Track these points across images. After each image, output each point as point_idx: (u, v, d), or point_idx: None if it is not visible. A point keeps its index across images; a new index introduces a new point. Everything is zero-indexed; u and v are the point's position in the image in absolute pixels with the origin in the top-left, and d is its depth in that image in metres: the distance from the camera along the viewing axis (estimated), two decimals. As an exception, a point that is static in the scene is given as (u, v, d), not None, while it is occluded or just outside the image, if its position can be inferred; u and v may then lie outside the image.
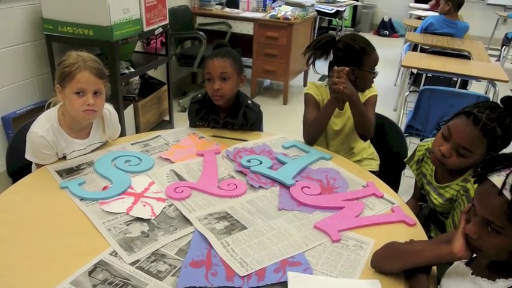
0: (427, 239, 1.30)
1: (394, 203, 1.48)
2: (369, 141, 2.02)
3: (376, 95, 1.95)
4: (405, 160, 1.80)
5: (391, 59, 6.14)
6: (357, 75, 1.83)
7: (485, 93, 3.80)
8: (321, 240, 1.27)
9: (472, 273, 1.01)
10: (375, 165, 2.03)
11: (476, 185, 1.34)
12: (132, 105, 3.25)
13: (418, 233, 1.33)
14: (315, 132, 1.85)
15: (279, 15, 4.31)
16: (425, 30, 4.60)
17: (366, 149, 2.05)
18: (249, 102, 1.95)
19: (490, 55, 5.98)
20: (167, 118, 3.75)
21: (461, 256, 0.99)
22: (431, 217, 1.67)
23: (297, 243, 1.24)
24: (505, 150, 1.21)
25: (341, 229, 1.31)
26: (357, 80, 1.84)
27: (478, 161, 1.36)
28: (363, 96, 1.92)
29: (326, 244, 1.26)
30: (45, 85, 2.88)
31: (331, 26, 8.03)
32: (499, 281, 0.94)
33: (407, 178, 2.19)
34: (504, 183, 0.87)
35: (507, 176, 0.87)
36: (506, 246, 0.90)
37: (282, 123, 4.05)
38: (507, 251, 0.92)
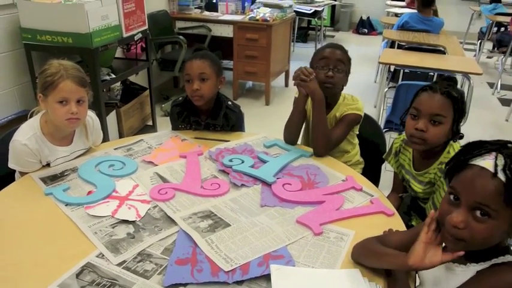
0: (405, 228, 1.35)
1: (373, 195, 1.52)
2: (357, 146, 2.02)
3: (355, 114, 1.86)
4: (383, 156, 1.85)
5: (370, 56, 6.23)
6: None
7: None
8: (303, 233, 1.31)
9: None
10: (359, 169, 2.02)
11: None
12: (114, 111, 3.26)
13: (397, 223, 1.38)
14: (289, 130, 1.89)
15: (257, 17, 4.35)
16: (402, 28, 4.68)
17: (352, 155, 2.01)
18: (229, 103, 1.98)
19: (466, 49, 6.11)
20: (150, 123, 3.76)
21: (417, 267, 0.99)
22: (412, 206, 1.73)
23: (280, 237, 1.28)
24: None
25: (322, 222, 1.35)
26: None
27: (451, 128, 1.48)
28: (342, 112, 1.87)
29: (308, 237, 1.30)
30: (26, 94, 2.87)
31: (310, 26, 8.10)
32: (470, 266, 0.98)
33: (389, 172, 2.25)
34: (496, 166, 0.88)
35: (496, 158, 0.89)
36: (496, 230, 0.90)
37: (265, 124, 4.08)
38: (496, 239, 0.92)
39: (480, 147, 0.93)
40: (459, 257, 0.97)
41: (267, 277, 1.11)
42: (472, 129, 1.30)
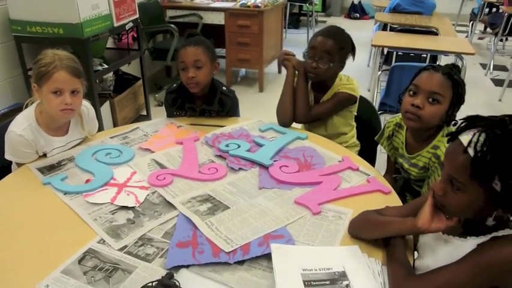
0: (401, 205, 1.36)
1: (369, 175, 1.54)
2: (354, 129, 2.04)
3: (346, 93, 1.87)
4: (376, 138, 1.86)
5: (363, 41, 6.16)
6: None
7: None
8: (302, 213, 1.32)
9: (444, 233, 1.07)
10: (355, 151, 2.02)
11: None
12: (108, 102, 3.25)
13: (394, 201, 1.40)
14: (281, 110, 1.93)
15: (249, 4, 4.33)
16: (394, 10, 4.68)
17: (349, 137, 2.03)
18: (224, 88, 1.98)
19: (459, 31, 6.12)
20: (144, 113, 3.76)
21: (425, 229, 1.03)
22: (406, 187, 1.75)
23: (279, 218, 1.29)
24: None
25: (320, 202, 1.37)
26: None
27: (448, 109, 1.48)
28: (336, 90, 1.90)
29: (306, 217, 1.31)
30: (18, 87, 2.86)
31: (302, 11, 8.07)
32: (469, 239, 1.00)
33: (384, 154, 2.26)
34: (470, 141, 0.91)
35: (473, 134, 0.91)
36: (466, 203, 0.94)
37: (260, 111, 4.05)
38: (470, 210, 0.96)
39: (473, 123, 0.96)
40: (458, 228, 0.99)
41: (267, 257, 1.12)
42: (466, 110, 1.29)
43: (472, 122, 0.96)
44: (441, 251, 1.05)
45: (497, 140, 0.89)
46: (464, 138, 0.93)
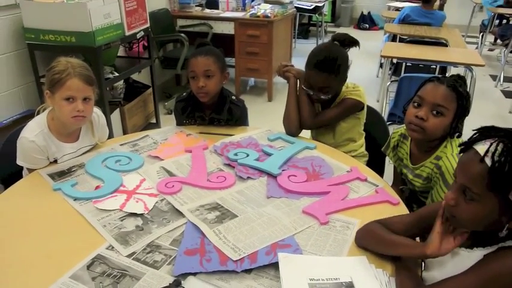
0: None
1: (377, 185, 1.54)
2: (363, 138, 2.04)
3: (353, 100, 1.87)
4: (382, 149, 1.85)
5: (372, 51, 6.23)
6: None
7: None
8: (309, 223, 1.32)
9: None
10: (363, 161, 2.02)
11: (447, 162, 1.43)
12: (118, 109, 3.28)
13: (402, 211, 1.39)
14: (288, 119, 1.95)
15: (258, 14, 4.36)
16: (403, 21, 4.69)
17: (357, 145, 2.02)
18: (233, 98, 2.00)
19: (468, 43, 6.11)
20: (154, 121, 3.78)
21: (435, 256, 1.02)
22: (412, 198, 1.74)
23: (287, 227, 1.30)
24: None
25: (328, 212, 1.37)
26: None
27: (452, 121, 1.47)
28: (341, 96, 1.90)
29: (314, 227, 1.31)
30: (30, 94, 2.89)
31: (311, 22, 8.10)
32: (476, 250, 1.00)
33: (392, 166, 2.26)
34: (487, 151, 0.90)
35: (491, 144, 0.91)
36: (480, 214, 0.93)
37: (268, 120, 4.05)
38: (482, 222, 0.95)
39: (488, 133, 0.95)
40: (467, 241, 0.99)
41: (274, 265, 1.13)
42: (476, 122, 1.29)
43: (487, 132, 0.96)
44: (448, 263, 1.04)
45: None
46: (480, 148, 0.92)
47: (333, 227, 1.31)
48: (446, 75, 4.02)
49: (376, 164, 2.02)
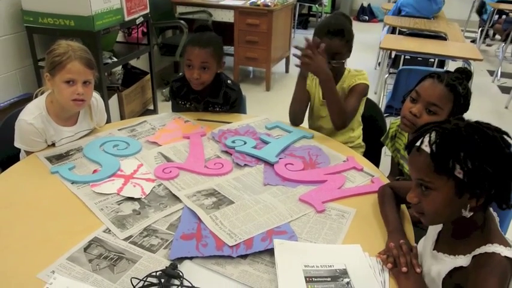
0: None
1: (373, 175, 1.55)
2: (361, 128, 2.05)
3: (364, 84, 1.89)
4: (381, 139, 1.87)
5: (371, 43, 6.23)
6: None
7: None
8: (305, 211, 1.34)
9: (434, 249, 1.09)
10: (360, 152, 2.04)
11: None
12: (116, 95, 3.27)
13: (397, 202, 1.40)
14: (292, 109, 1.93)
15: (258, 2, 4.34)
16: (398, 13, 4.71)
17: (355, 136, 2.04)
18: (229, 82, 2.00)
19: (467, 37, 6.10)
20: (151, 107, 3.78)
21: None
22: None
23: (283, 214, 1.31)
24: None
25: (324, 200, 1.38)
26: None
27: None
28: (350, 83, 1.89)
29: (310, 214, 1.32)
30: (28, 77, 2.88)
31: (311, 12, 8.08)
32: (458, 257, 1.01)
33: (389, 157, 2.28)
34: (422, 142, 0.97)
35: (424, 136, 0.97)
36: (441, 202, 0.97)
37: (266, 109, 4.10)
38: (447, 210, 0.98)
39: (422, 129, 1.01)
40: (446, 246, 1.05)
41: (270, 252, 1.14)
42: (471, 117, 1.30)
43: (422, 129, 1.01)
44: (434, 268, 1.06)
45: (447, 131, 0.95)
46: (418, 142, 0.99)
47: (329, 215, 1.32)
48: (445, 68, 4.03)
49: (372, 155, 2.03)
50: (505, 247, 0.95)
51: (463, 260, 0.99)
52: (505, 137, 0.96)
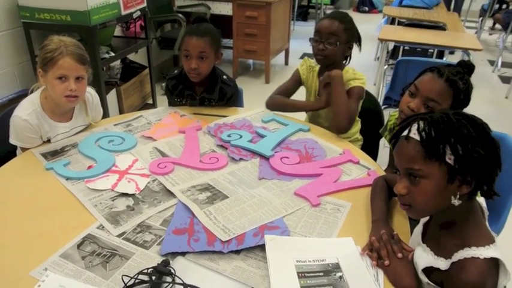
0: None
1: (369, 168, 1.54)
2: (359, 124, 2.03)
3: (361, 87, 1.86)
4: (380, 131, 1.85)
5: (370, 34, 6.15)
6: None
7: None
8: (300, 205, 1.33)
9: (424, 243, 1.07)
10: (357, 145, 2.02)
11: None
12: (114, 89, 3.27)
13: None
14: (275, 108, 1.99)
15: (257, -6, 4.31)
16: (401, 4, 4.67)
17: (353, 132, 2.02)
18: (224, 77, 1.99)
19: (468, 27, 6.06)
20: (150, 101, 3.77)
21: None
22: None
23: (277, 209, 1.30)
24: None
25: (320, 194, 1.37)
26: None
27: None
28: (346, 80, 1.87)
29: (305, 209, 1.32)
30: (26, 73, 2.88)
31: (310, 4, 8.03)
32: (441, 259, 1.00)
33: (387, 149, 2.27)
34: (410, 130, 0.96)
35: (411, 125, 0.96)
36: (431, 190, 0.94)
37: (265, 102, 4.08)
38: (437, 199, 0.96)
39: (407, 120, 1.00)
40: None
41: (263, 247, 1.13)
42: (472, 107, 1.29)
43: (407, 120, 1.00)
44: (420, 256, 1.06)
45: (436, 119, 0.93)
46: (405, 132, 0.97)
47: (324, 209, 1.32)
48: (444, 59, 4.01)
49: (370, 147, 2.03)
50: (484, 247, 0.93)
51: (443, 264, 0.98)
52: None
